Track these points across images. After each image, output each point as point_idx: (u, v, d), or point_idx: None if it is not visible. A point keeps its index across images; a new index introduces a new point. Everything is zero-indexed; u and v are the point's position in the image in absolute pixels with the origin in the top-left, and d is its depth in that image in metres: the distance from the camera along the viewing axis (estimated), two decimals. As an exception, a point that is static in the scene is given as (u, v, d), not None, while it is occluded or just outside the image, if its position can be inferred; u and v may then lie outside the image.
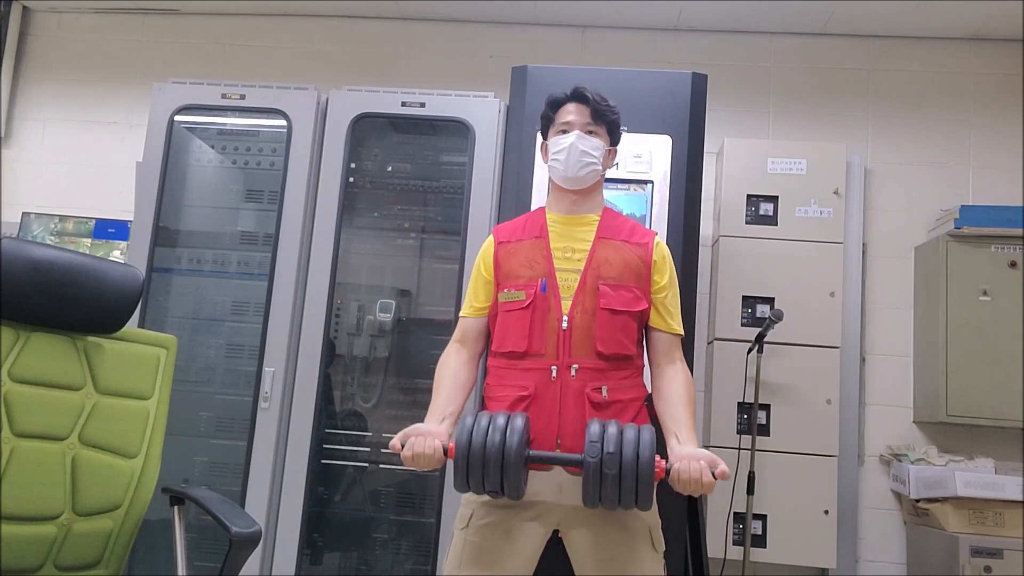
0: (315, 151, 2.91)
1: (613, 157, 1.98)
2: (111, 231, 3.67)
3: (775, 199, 3.19)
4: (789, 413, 3.07)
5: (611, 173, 2.49)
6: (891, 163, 3.50)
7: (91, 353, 1.75)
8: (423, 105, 2.88)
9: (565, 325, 1.79)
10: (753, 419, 3.03)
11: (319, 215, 2.87)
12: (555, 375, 1.78)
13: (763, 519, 3.02)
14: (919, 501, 3.04)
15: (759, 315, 3.12)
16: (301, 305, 2.83)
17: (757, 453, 3.01)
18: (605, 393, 1.78)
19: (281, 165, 2.91)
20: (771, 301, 3.13)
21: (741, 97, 3.59)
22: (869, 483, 3.29)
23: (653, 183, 2.52)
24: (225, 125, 3.11)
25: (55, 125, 3.86)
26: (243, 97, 2.95)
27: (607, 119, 1.92)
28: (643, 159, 2.54)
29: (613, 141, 1.96)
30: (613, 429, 1.62)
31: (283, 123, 2.92)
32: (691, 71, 2.59)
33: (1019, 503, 2.87)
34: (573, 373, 1.78)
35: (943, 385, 3.07)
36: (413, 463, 1.69)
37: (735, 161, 3.25)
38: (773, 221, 3.18)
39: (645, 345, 1.92)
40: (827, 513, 3.00)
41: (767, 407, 3.08)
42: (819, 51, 3.60)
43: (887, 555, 3.25)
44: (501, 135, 2.81)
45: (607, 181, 2.47)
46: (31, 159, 3.84)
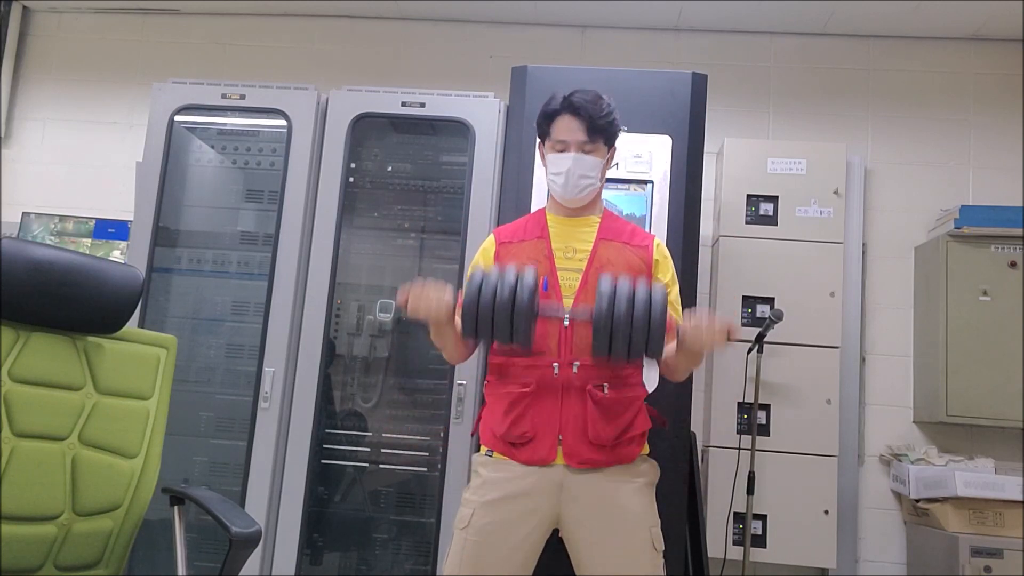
0: (315, 151, 2.91)
1: (612, 157, 1.97)
2: (111, 231, 3.67)
3: (775, 199, 3.19)
4: (789, 413, 3.07)
5: (611, 173, 2.49)
6: (891, 163, 3.50)
7: (91, 353, 1.75)
8: (423, 105, 2.88)
9: (567, 323, 1.80)
10: (753, 419, 3.03)
11: (319, 215, 2.87)
12: (557, 372, 1.78)
13: (763, 519, 3.02)
14: (919, 501, 3.04)
15: (759, 315, 3.12)
16: (301, 305, 2.83)
17: (757, 453, 3.01)
18: (606, 390, 1.78)
19: (281, 165, 2.91)
20: (771, 301, 3.12)
21: (741, 97, 3.59)
22: (869, 483, 3.29)
23: (653, 183, 2.52)
24: (225, 125, 3.11)
25: (55, 125, 3.86)
26: (243, 97, 2.95)
27: (605, 132, 1.88)
28: (643, 159, 2.54)
29: (612, 143, 1.94)
30: (624, 285, 1.64)
31: (283, 123, 2.92)
32: (691, 71, 2.59)
33: (1019, 503, 2.87)
34: (575, 370, 1.78)
35: (943, 385, 3.07)
36: (420, 299, 1.72)
37: (735, 161, 3.25)
38: (773, 221, 3.18)
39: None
40: (827, 513, 3.00)
41: (767, 407, 3.08)
42: (819, 51, 3.60)
43: (887, 555, 3.25)
44: (501, 135, 2.81)
45: (607, 181, 2.48)
46: (31, 159, 3.84)
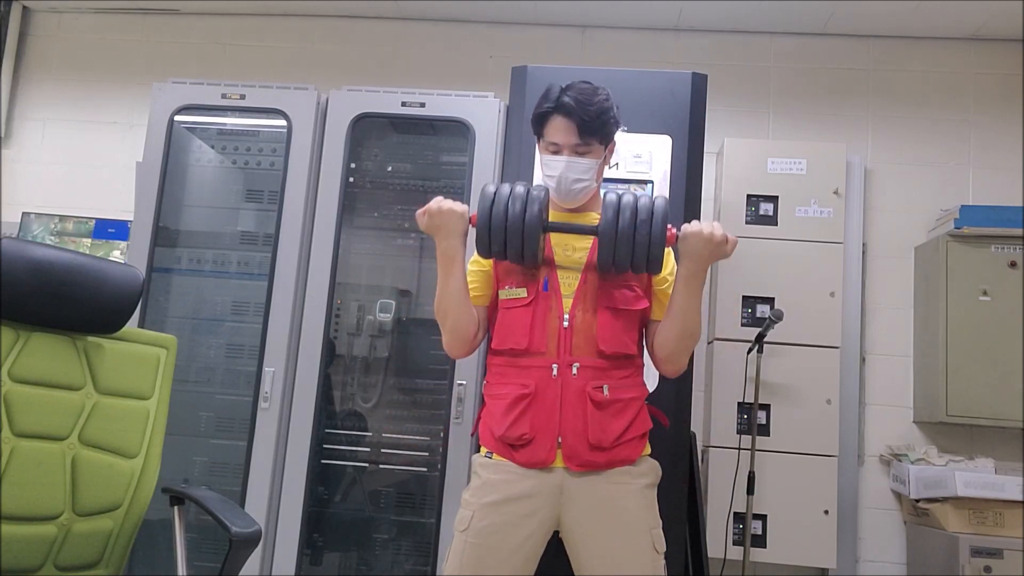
0: (315, 151, 2.91)
1: (611, 153, 1.93)
2: (111, 231, 3.67)
3: (775, 199, 3.19)
4: (789, 413, 3.07)
5: (611, 173, 2.50)
6: (891, 163, 3.50)
7: (91, 353, 1.75)
8: (423, 105, 2.88)
9: (566, 323, 1.79)
10: (753, 419, 3.03)
11: (319, 215, 2.87)
12: (556, 373, 1.78)
13: (763, 519, 3.02)
14: (919, 501, 3.04)
15: (759, 315, 3.12)
16: (301, 305, 2.83)
17: (757, 453, 3.01)
18: (606, 392, 1.77)
19: (281, 165, 2.91)
20: (771, 301, 3.12)
21: (741, 97, 3.59)
22: (869, 483, 3.29)
23: (653, 183, 2.52)
24: (225, 125, 3.11)
25: (55, 125, 3.86)
26: (243, 97, 2.95)
27: (598, 132, 1.83)
28: (643, 159, 2.54)
29: (608, 141, 1.89)
30: (629, 197, 1.73)
31: (283, 123, 2.92)
32: (691, 71, 2.59)
33: (1019, 503, 2.87)
34: (574, 371, 1.77)
35: (943, 385, 3.07)
36: (438, 216, 1.80)
37: (735, 161, 3.25)
38: (773, 221, 3.18)
39: (645, 343, 1.92)
40: (827, 513, 3.00)
41: (767, 407, 3.08)
42: (819, 51, 3.60)
43: (887, 555, 3.25)
44: (501, 135, 2.81)
45: (607, 181, 2.47)
46: (31, 159, 3.84)
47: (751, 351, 3.04)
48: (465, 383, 2.69)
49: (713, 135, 2.95)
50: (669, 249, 1.93)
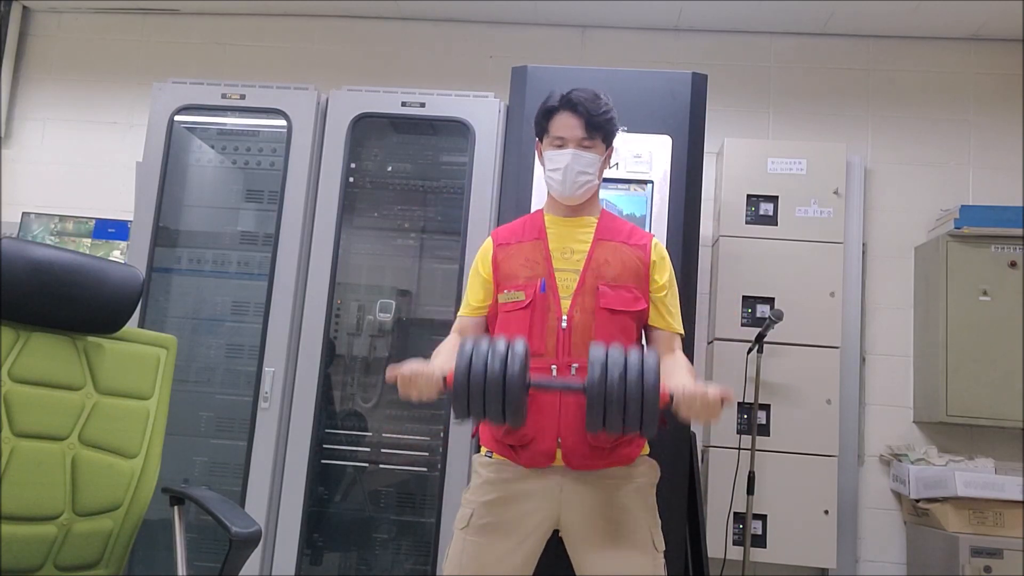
0: (315, 151, 2.91)
1: (611, 156, 1.96)
2: (111, 231, 3.67)
3: (775, 199, 3.19)
4: (789, 413, 3.07)
5: (611, 173, 2.50)
6: (891, 163, 3.50)
7: (91, 353, 1.75)
8: (423, 105, 2.88)
9: (564, 324, 1.80)
10: (753, 419, 3.03)
11: (319, 215, 2.87)
12: (555, 374, 1.78)
13: (763, 519, 3.02)
14: (919, 501, 3.04)
15: (759, 315, 3.12)
16: (301, 305, 2.83)
17: (757, 453, 3.01)
18: (605, 393, 1.77)
19: (281, 165, 2.91)
20: (771, 301, 3.12)
21: (741, 97, 3.59)
22: (869, 483, 3.29)
23: (653, 183, 2.52)
24: (225, 125, 3.11)
25: (55, 125, 3.86)
26: (243, 97, 2.95)
27: (603, 129, 1.88)
28: (643, 159, 2.54)
29: (609, 143, 1.92)
30: (616, 352, 1.55)
31: (283, 123, 2.92)
32: (691, 71, 2.59)
33: (1019, 503, 2.87)
34: (573, 372, 1.78)
35: (943, 385, 3.07)
36: (411, 383, 1.63)
37: (735, 161, 3.25)
38: (773, 221, 3.18)
39: (644, 345, 1.92)
40: (827, 513, 3.00)
41: (767, 407, 3.08)
42: (819, 51, 3.60)
43: (887, 555, 3.25)
44: (501, 135, 2.81)
45: (607, 181, 2.48)
46: (31, 159, 3.84)
47: (751, 351, 3.04)
48: (465, 383, 2.69)
49: (713, 135, 2.95)
50: (665, 253, 1.93)
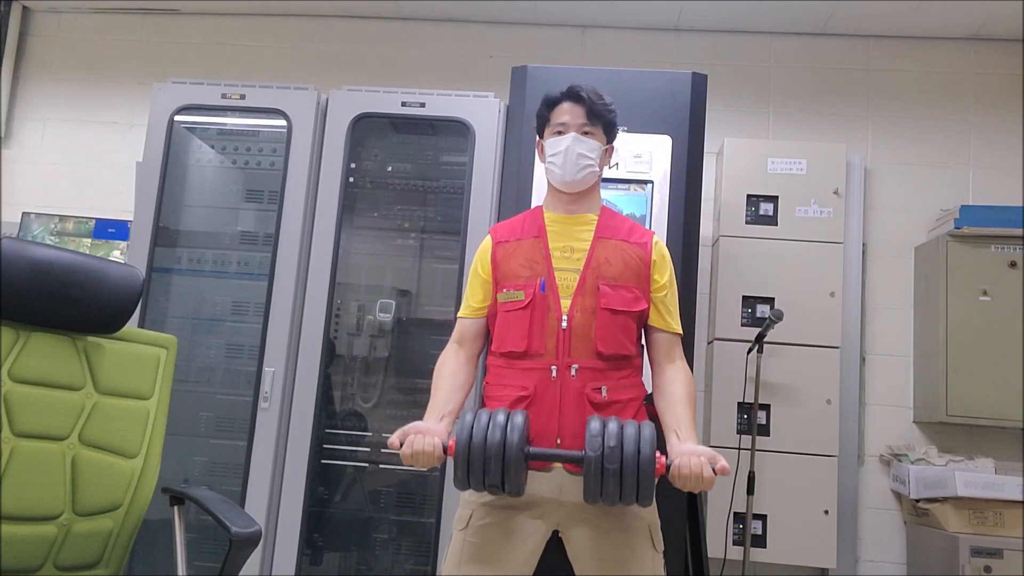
0: (315, 151, 2.91)
1: (610, 155, 1.97)
2: (111, 231, 3.67)
3: (775, 199, 3.19)
4: (789, 413, 3.07)
5: (611, 173, 2.50)
6: (891, 163, 3.50)
7: (91, 353, 1.75)
8: (423, 105, 2.88)
9: (565, 325, 1.79)
10: (753, 419, 3.03)
11: (319, 215, 2.87)
12: (555, 375, 1.78)
13: (763, 519, 3.02)
14: (919, 501, 3.04)
15: (759, 315, 3.12)
16: (301, 305, 2.83)
17: (757, 453, 3.01)
18: (605, 393, 1.77)
19: (281, 165, 2.91)
20: (771, 301, 3.12)
21: (741, 97, 3.59)
22: (869, 483, 3.29)
23: (653, 183, 2.52)
24: (225, 125, 3.11)
25: (55, 125, 3.86)
26: (243, 97, 2.95)
27: (603, 119, 1.90)
28: (643, 159, 2.54)
29: (610, 139, 1.94)
30: (614, 425, 1.62)
31: (283, 123, 2.92)
32: (691, 71, 2.59)
33: (1019, 503, 2.87)
34: (573, 373, 1.77)
35: (943, 385, 3.07)
36: (412, 460, 1.68)
37: (735, 161, 3.25)
38: (773, 221, 3.18)
39: (645, 345, 1.92)
40: (827, 513, 3.00)
41: (767, 407, 3.08)
42: (819, 51, 3.60)
43: (887, 555, 3.25)
44: (501, 135, 2.81)
45: (607, 181, 2.48)
46: (31, 159, 3.84)
47: (751, 351, 3.04)
48: (465, 383, 2.69)
49: (713, 135, 2.95)
50: (665, 252, 1.93)
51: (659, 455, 1.61)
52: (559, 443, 1.76)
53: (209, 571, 2.70)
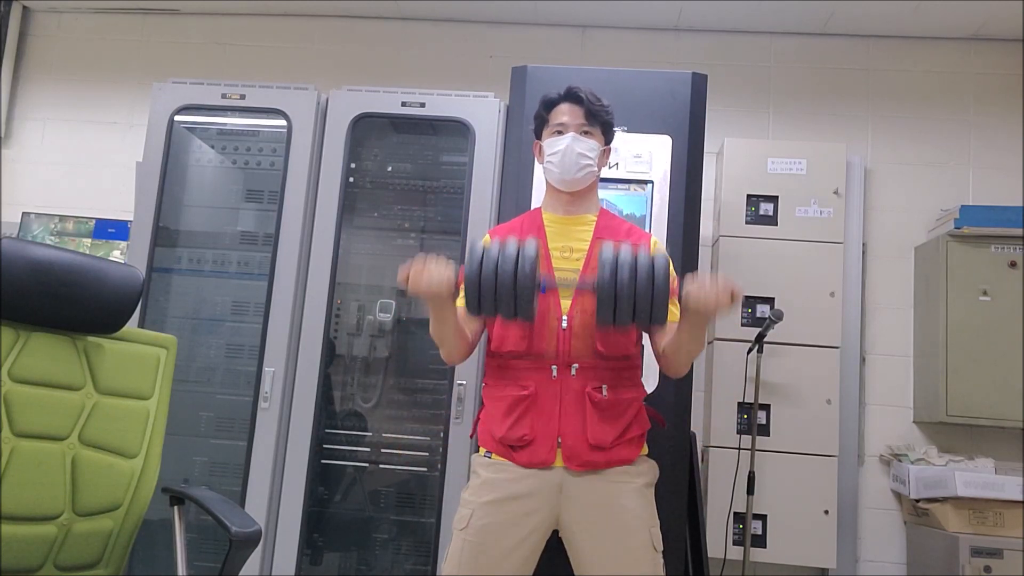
0: (315, 151, 2.91)
1: (608, 156, 1.98)
2: (111, 231, 3.67)
3: (775, 199, 3.19)
4: (789, 413, 3.07)
5: (611, 173, 2.50)
6: (891, 163, 3.50)
7: (91, 353, 1.75)
8: (423, 105, 2.88)
9: (565, 325, 1.79)
10: (753, 419, 3.03)
11: (319, 215, 2.87)
12: (555, 374, 1.78)
13: (763, 519, 3.02)
14: (919, 501, 3.04)
15: (759, 315, 3.12)
16: (301, 305, 2.83)
17: (757, 453, 3.01)
18: (605, 392, 1.78)
19: (281, 165, 2.91)
20: (771, 301, 3.12)
21: (741, 97, 3.59)
22: (869, 483, 3.29)
23: (653, 183, 2.52)
24: (225, 125, 3.11)
25: (55, 125, 3.86)
26: (243, 97, 2.95)
27: (601, 119, 1.92)
28: (643, 159, 2.54)
29: (607, 140, 1.96)
30: (627, 254, 1.63)
31: (283, 123, 2.92)
32: (691, 71, 2.59)
33: (1019, 503, 2.87)
34: (573, 372, 1.78)
35: (943, 385, 3.07)
36: (422, 274, 1.69)
37: (735, 161, 3.25)
38: (773, 221, 3.18)
39: (650, 343, 1.92)
40: (827, 513, 3.00)
41: (767, 407, 3.08)
42: (819, 51, 3.60)
43: (887, 555, 3.25)
44: (501, 135, 2.81)
45: (607, 181, 2.48)
46: (31, 159, 3.84)
47: (751, 351, 3.04)
48: (465, 383, 2.69)
49: (713, 135, 2.95)
50: (664, 251, 1.93)
51: (673, 279, 1.64)
52: (560, 443, 1.76)
53: (209, 571, 2.70)
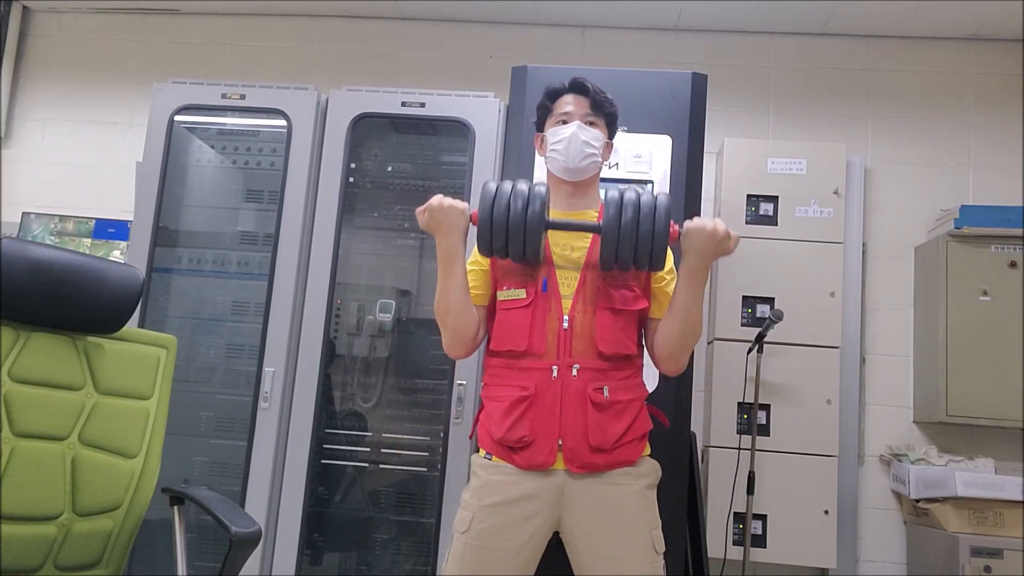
0: (315, 151, 2.91)
1: (610, 151, 1.98)
2: (111, 231, 3.67)
3: (775, 199, 3.19)
4: (789, 413, 3.07)
5: (611, 173, 2.50)
6: (891, 163, 3.50)
7: (91, 353, 1.75)
8: (423, 105, 2.88)
9: (566, 324, 1.79)
10: (753, 419, 3.03)
11: (319, 215, 2.87)
12: (556, 375, 1.77)
13: (763, 519, 3.02)
14: (919, 501, 3.04)
15: (759, 315, 3.12)
16: (301, 305, 2.83)
17: (757, 453, 3.01)
18: (606, 393, 1.77)
19: (281, 165, 2.91)
20: (771, 301, 3.12)
21: (741, 97, 3.59)
22: (869, 483, 3.29)
23: (653, 183, 2.52)
24: (225, 125, 3.11)
25: (55, 125, 3.86)
26: (243, 97, 2.95)
27: (605, 111, 1.92)
28: (643, 159, 2.54)
29: (611, 134, 1.96)
30: (631, 194, 1.72)
31: (283, 123, 2.92)
32: (691, 71, 2.59)
33: (1019, 503, 2.87)
34: (574, 373, 1.77)
35: (943, 385, 3.07)
36: (439, 213, 1.79)
37: (735, 161, 3.25)
38: (773, 221, 3.18)
39: (645, 341, 1.91)
40: (827, 513, 3.00)
41: (767, 407, 3.08)
42: (819, 51, 3.60)
43: (887, 555, 3.25)
44: (501, 135, 2.81)
45: (607, 181, 2.48)
46: (31, 159, 3.84)
47: (751, 351, 3.04)
48: (465, 383, 2.69)
49: (713, 135, 2.95)
50: (668, 249, 1.93)
51: (673, 223, 1.73)
52: (560, 445, 1.76)
53: (209, 571, 2.70)
